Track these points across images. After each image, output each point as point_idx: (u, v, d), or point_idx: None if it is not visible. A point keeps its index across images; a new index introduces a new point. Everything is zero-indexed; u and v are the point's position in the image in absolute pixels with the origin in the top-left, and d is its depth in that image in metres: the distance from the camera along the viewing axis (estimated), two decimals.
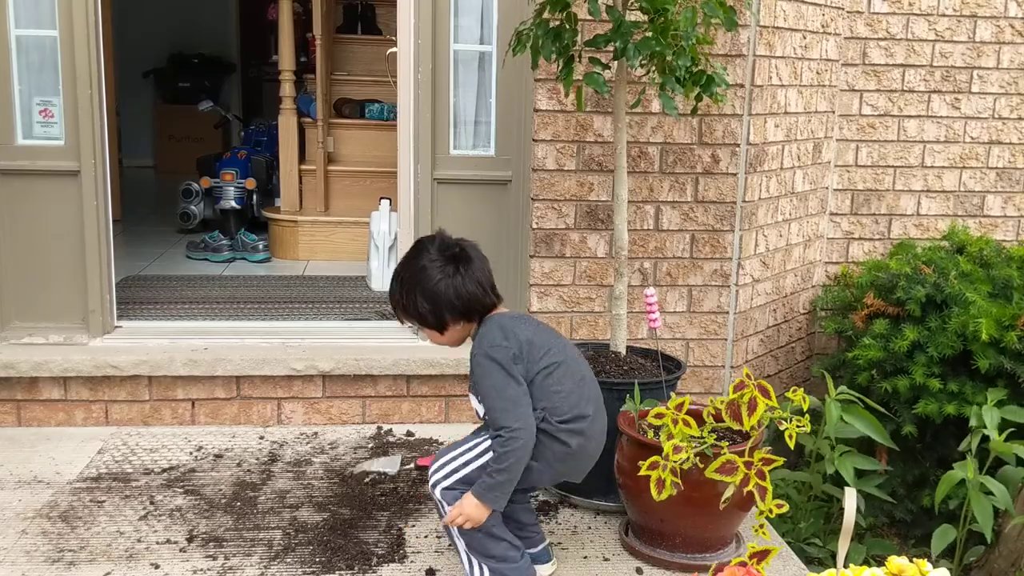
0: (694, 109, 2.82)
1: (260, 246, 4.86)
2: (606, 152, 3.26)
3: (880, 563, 1.65)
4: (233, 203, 5.10)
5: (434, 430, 3.23)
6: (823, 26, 3.63)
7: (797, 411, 2.39)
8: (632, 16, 2.62)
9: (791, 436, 2.28)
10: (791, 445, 2.29)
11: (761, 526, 2.23)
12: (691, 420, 2.30)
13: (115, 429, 3.17)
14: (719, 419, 2.39)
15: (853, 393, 2.93)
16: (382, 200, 4.41)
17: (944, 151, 3.92)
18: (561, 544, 2.50)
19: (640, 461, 2.27)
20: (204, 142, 7.58)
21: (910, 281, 3.33)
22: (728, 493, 2.20)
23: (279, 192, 5.07)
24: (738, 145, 3.31)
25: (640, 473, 2.25)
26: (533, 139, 3.25)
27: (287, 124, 4.96)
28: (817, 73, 3.66)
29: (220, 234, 4.91)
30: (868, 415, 2.92)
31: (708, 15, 2.55)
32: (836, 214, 3.93)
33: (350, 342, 3.38)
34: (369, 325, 3.63)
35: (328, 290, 4.19)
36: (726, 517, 2.36)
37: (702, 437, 2.29)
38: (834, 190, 3.91)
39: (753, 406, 2.29)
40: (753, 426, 2.32)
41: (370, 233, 4.35)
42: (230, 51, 8.89)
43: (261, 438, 3.14)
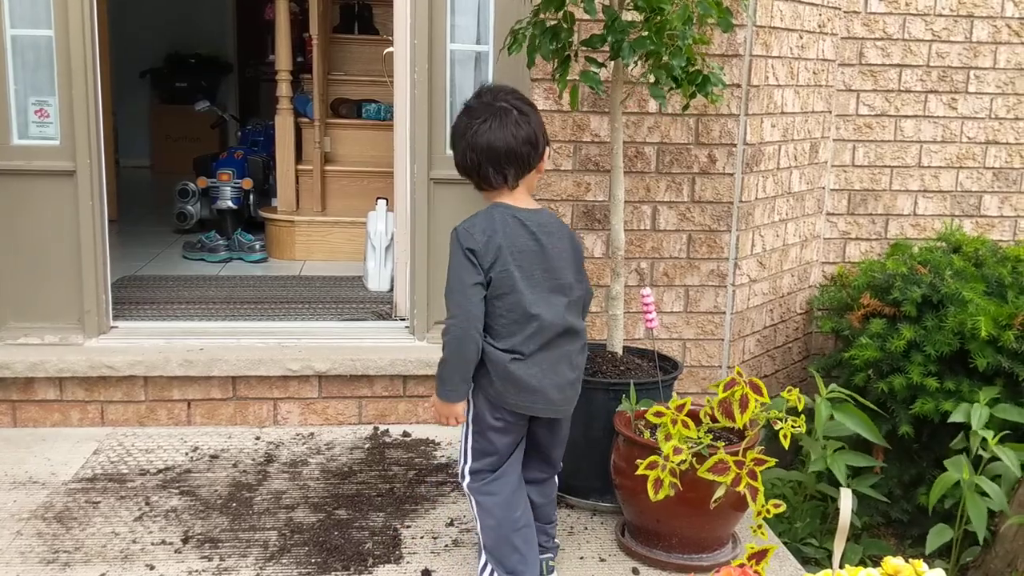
0: (685, 106, 2.82)
1: (257, 246, 4.85)
2: (603, 152, 3.25)
3: (876, 563, 1.64)
4: (230, 203, 5.09)
5: (431, 431, 3.23)
6: (820, 26, 3.63)
7: (793, 411, 2.39)
8: (628, 16, 2.62)
9: (785, 436, 2.28)
10: (785, 445, 2.29)
11: (759, 527, 2.23)
12: (689, 421, 2.30)
13: (111, 430, 3.16)
14: (716, 419, 2.39)
15: (845, 392, 2.93)
16: (379, 200, 4.40)
17: (941, 151, 3.92)
18: (558, 545, 2.49)
19: (637, 461, 2.27)
20: (201, 142, 7.57)
21: (906, 281, 3.33)
22: (719, 493, 2.20)
23: (276, 192, 5.06)
24: (735, 145, 3.31)
25: (638, 473, 2.24)
26: None
27: (284, 124, 4.95)
28: (814, 73, 3.66)
29: (217, 234, 4.91)
30: (860, 413, 2.92)
31: (703, 14, 2.55)
32: (833, 214, 3.93)
33: (346, 342, 3.37)
34: (366, 325, 3.62)
35: (325, 290, 4.19)
36: (722, 517, 2.36)
37: (698, 437, 2.29)
38: (831, 190, 3.91)
39: (745, 403, 2.29)
40: (747, 425, 2.32)
41: (367, 233, 4.35)
42: (227, 51, 8.88)
43: (257, 439, 3.13)
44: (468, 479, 2.18)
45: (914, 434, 3.23)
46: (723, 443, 2.33)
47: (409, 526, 2.56)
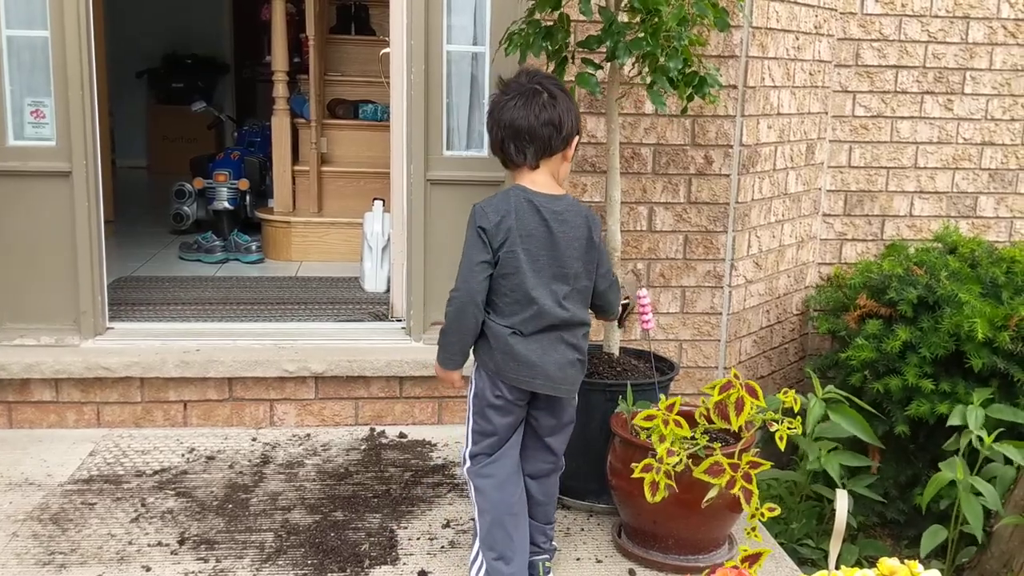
0: (684, 109, 2.82)
1: (253, 247, 4.85)
2: (599, 153, 3.25)
3: (872, 564, 1.64)
4: (226, 204, 5.09)
5: (427, 432, 3.23)
6: (816, 27, 3.63)
7: (789, 412, 2.39)
8: (625, 17, 2.62)
9: (782, 438, 2.28)
10: (781, 447, 2.29)
11: (753, 528, 2.23)
12: (683, 421, 2.30)
13: (107, 431, 3.16)
14: (711, 420, 2.39)
15: (840, 392, 2.93)
16: (375, 201, 4.40)
17: (937, 152, 3.93)
18: (555, 547, 2.49)
19: (633, 463, 2.27)
20: (197, 143, 7.56)
21: (902, 282, 3.34)
22: (712, 494, 2.20)
23: (272, 193, 5.06)
24: (731, 146, 3.32)
25: (634, 475, 2.24)
26: None
27: (280, 125, 4.95)
28: (810, 74, 3.66)
29: (213, 235, 4.90)
30: (855, 414, 2.92)
31: (698, 15, 2.55)
32: (829, 215, 3.94)
33: (343, 343, 3.37)
34: (362, 326, 3.62)
35: (321, 291, 4.18)
36: (718, 519, 2.36)
37: (694, 438, 2.29)
38: (827, 191, 3.92)
39: (740, 406, 2.29)
40: (743, 426, 2.32)
41: (363, 234, 4.34)
42: (224, 52, 8.87)
43: (253, 440, 3.13)
44: (468, 463, 2.24)
45: (910, 435, 3.24)
46: (719, 444, 2.33)
47: (405, 527, 2.56)
